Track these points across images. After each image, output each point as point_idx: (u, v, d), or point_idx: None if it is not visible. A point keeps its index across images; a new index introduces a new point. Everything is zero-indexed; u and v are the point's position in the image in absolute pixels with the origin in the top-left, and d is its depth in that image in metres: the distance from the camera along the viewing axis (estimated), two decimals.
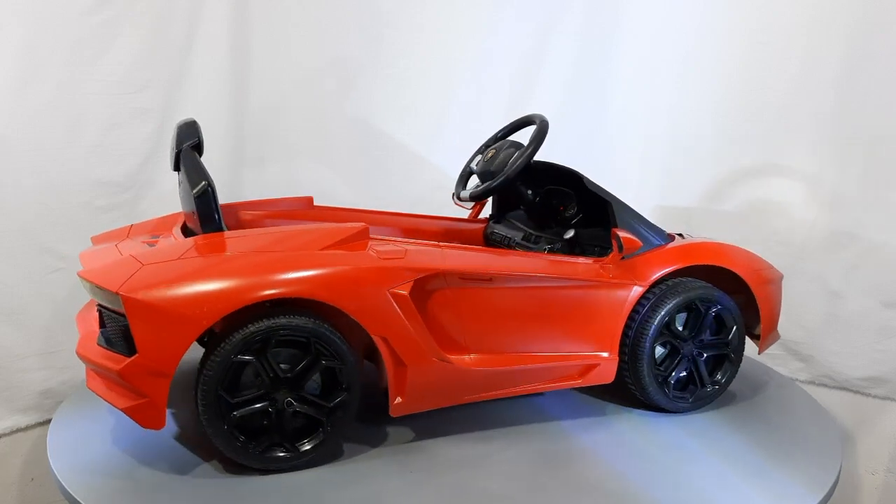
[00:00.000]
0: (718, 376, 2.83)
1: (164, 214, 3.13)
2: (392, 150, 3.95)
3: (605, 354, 2.68)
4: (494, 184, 2.82)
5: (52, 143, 3.27)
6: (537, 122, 2.86)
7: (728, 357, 2.82)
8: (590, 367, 2.68)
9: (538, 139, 2.78)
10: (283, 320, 2.19)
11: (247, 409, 2.21)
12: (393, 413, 2.40)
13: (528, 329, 2.62)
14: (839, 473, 2.40)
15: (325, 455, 2.35)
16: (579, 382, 2.68)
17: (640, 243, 2.65)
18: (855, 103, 3.36)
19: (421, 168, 3.94)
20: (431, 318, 2.42)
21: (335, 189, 3.66)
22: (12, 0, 3.09)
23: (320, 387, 2.31)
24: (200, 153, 2.59)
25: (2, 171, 3.17)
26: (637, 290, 2.67)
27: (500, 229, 3.20)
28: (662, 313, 2.66)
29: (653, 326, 2.66)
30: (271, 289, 2.15)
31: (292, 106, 3.92)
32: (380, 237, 2.46)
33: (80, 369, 3.41)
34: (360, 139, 3.94)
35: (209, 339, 2.36)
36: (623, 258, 2.66)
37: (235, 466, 2.32)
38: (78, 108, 3.32)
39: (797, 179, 3.52)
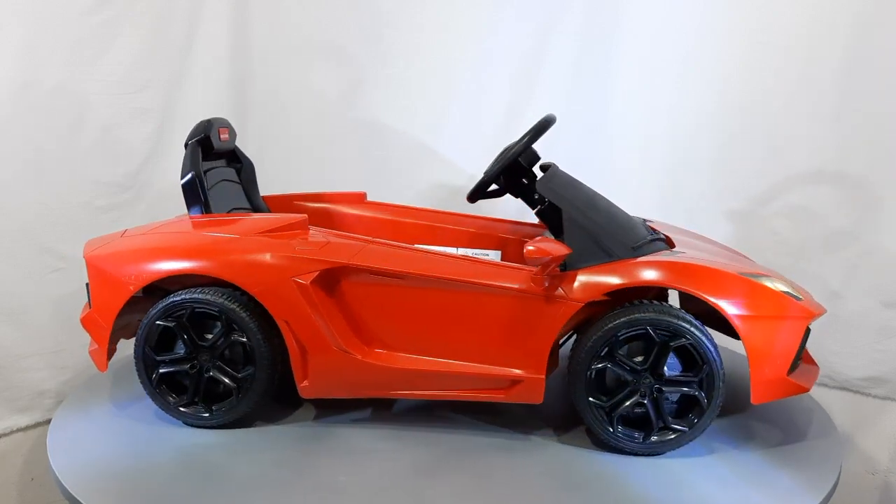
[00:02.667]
0: (686, 421, 2.44)
1: (164, 214, 3.15)
2: (392, 149, 3.95)
3: (528, 372, 2.47)
4: (487, 175, 2.81)
5: (52, 143, 3.27)
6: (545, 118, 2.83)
7: (697, 400, 2.42)
8: (514, 383, 2.49)
9: (533, 130, 2.74)
10: (198, 295, 2.48)
11: (169, 367, 2.56)
12: (302, 394, 2.56)
13: (446, 333, 2.52)
14: (839, 473, 2.40)
15: (235, 422, 2.58)
16: (502, 398, 2.51)
17: (560, 255, 2.34)
18: (855, 103, 3.36)
19: (421, 167, 3.94)
20: (347, 310, 2.53)
21: (335, 188, 3.65)
22: (12, 0, 3.09)
23: (243, 359, 2.55)
24: (211, 147, 2.87)
25: (2, 170, 3.17)
26: (571, 306, 2.41)
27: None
28: (598, 335, 2.39)
29: (584, 349, 2.41)
30: (182, 266, 2.49)
31: (292, 106, 3.92)
32: (320, 229, 2.61)
33: (80, 369, 3.43)
34: (360, 139, 3.94)
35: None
36: (561, 270, 2.43)
37: (236, 466, 2.32)
38: (78, 108, 3.32)
39: (797, 179, 3.52)
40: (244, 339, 2.48)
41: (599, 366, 2.42)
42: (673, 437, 2.45)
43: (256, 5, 3.80)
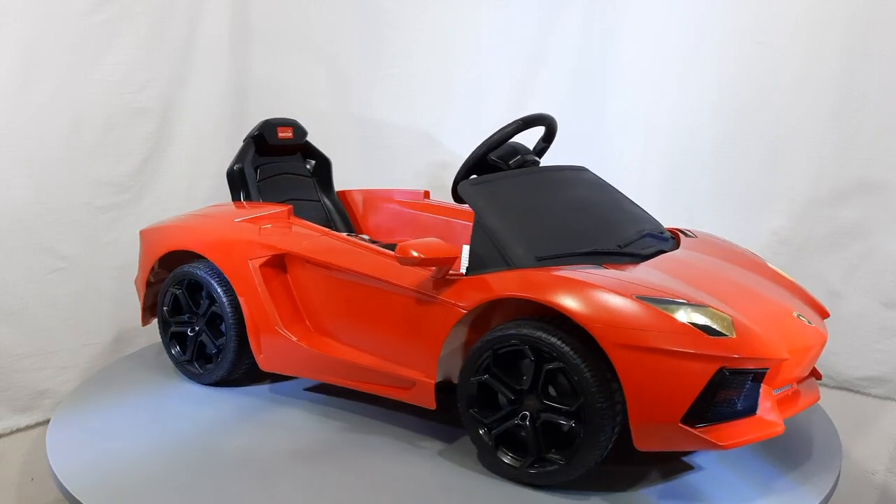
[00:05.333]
0: (565, 453, 2.17)
1: (164, 213, 3.16)
2: (393, 149, 3.95)
3: (420, 375, 2.41)
4: (465, 164, 2.81)
5: (52, 143, 3.28)
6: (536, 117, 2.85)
7: (570, 433, 2.14)
8: (411, 385, 2.45)
9: (515, 122, 2.76)
10: (188, 269, 2.89)
11: (178, 328, 2.97)
12: (261, 367, 2.79)
13: (362, 326, 2.60)
14: (839, 473, 2.39)
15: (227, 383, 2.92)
16: (405, 397, 2.48)
17: (445, 258, 2.29)
18: (855, 103, 3.35)
19: (421, 167, 3.94)
20: (291, 294, 2.77)
21: (335, 188, 3.66)
22: (13, 0, 3.09)
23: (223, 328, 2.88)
24: (265, 144, 3.23)
25: (2, 170, 3.17)
26: (456, 312, 2.30)
27: None
28: (477, 347, 2.25)
29: (463, 358, 2.32)
30: (176, 244, 2.94)
31: (292, 105, 3.92)
32: (300, 221, 2.85)
33: (80, 369, 3.44)
34: (360, 138, 3.94)
35: None
36: (465, 274, 2.36)
37: (236, 466, 2.32)
38: (78, 108, 3.32)
39: (797, 179, 3.52)
40: (218, 311, 2.85)
41: (480, 379, 2.25)
42: (551, 469, 2.19)
43: (256, 5, 3.81)
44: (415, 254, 2.28)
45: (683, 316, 2.07)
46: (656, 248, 2.57)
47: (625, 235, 2.56)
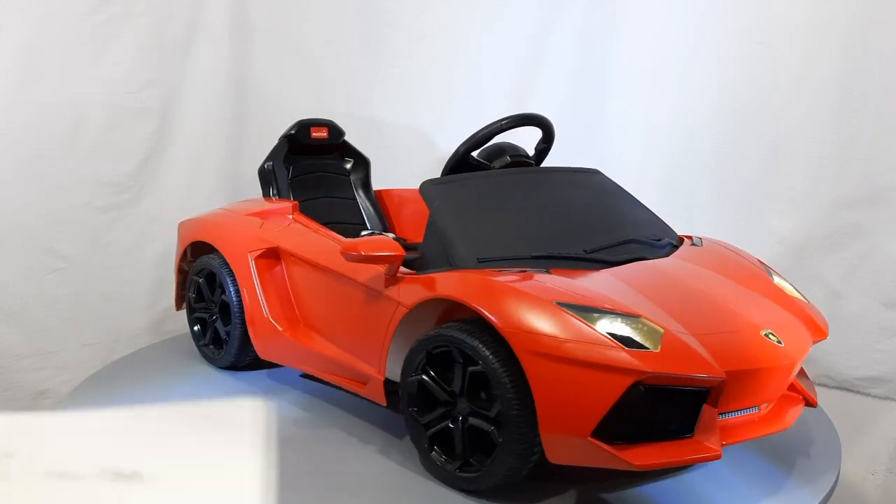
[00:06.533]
0: (483, 459, 2.11)
1: (164, 213, 3.15)
2: (393, 149, 3.95)
3: (372, 371, 2.42)
4: (447, 163, 2.83)
5: (52, 143, 3.28)
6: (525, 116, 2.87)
7: (491, 437, 2.06)
8: (366, 380, 2.46)
9: (497, 121, 2.78)
10: (206, 259, 3.05)
11: (199, 314, 3.14)
12: (259, 355, 2.90)
13: (331, 319, 2.69)
14: (839, 473, 2.40)
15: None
16: (362, 392, 2.50)
17: (387, 256, 2.31)
18: (855, 103, 3.35)
19: (421, 167, 3.94)
20: (282, 287, 2.88)
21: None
22: (13, 0, 3.09)
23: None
24: (298, 144, 3.30)
25: (2, 170, 3.17)
26: (400, 310, 2.29)
27: None
28: (414, 346, 2.24)
29: (406, 358, 2.28)
30: (197, 235, 3.11)
31: (292, 105, 3.92)
32: (302, 217, 2.97)
33: (80, 369, 3.43)
34: (360, 138, 3.94)
35: None
36: (400, 272, 2.37)
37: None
38: (78, 108, 3.32)
39: (797, 179, 3.52)
40: (226, 299, 2.98)
41: (417, 378, 2.23)
42: (473, 474, 2.12)
43: (256, 5, 3.81)
44: (359, 250, 2.32)
45: (605, 326, 1.97)
46: (634, 255, 2.46)
47: (600, 240, 2.47)
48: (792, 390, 2.38)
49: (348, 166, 3.51)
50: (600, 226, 2.60)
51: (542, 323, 1.98)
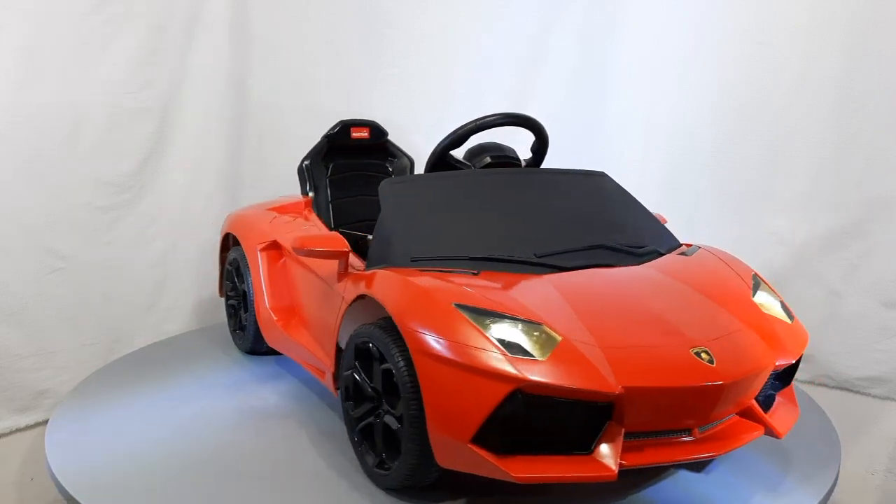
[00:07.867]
0: (390, 460, 2.12)
1: (165, 213, 3.14)
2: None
3: (327, 363, 2.48)
4: (427, 162, 2.84)
5: (52, 143, 3.28)
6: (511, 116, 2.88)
7: (397, 437, 2.06)
8: (325, 371, 2.53)
9: (472, 121, 2.80)
10: (233, 250, 3.28)
11: (231, 300, 3.35)
12: (267, 342, 3.06)
13: (307, 311, 2.82)
14: (838, 473, 2.39)
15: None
16: (323, 382, 2.60)
17: (330, 251, 2.41)
18: (855, 103, 3.35)
19: (422, 167, 3.93)
20: (282, 278, 3.02)
21: None
22: (13, 0, 3.09)
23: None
24: (337, 144, 3.36)
25: (2, 171, 3.17)
26: (343, 305, 2.34)
27: None
28: (347, 340, 2.28)
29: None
30: (227, 228, 3.34)
31: (292, 106, 3.93)
32: (311, 213, 3.11)
33: (80, 369, 3.43)
34: None
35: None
36: (350, 267, 2.45)
37: (236, 466, 2.32)
38: (78, 108, 3.32)
39: (797, 179, 3.52)
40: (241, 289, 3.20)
41: (347, 373, 2.26)
42: (385, 473, 2.13)
43: (256, 5, 3.81)
44: (304, 246, 2.44)
45: (498, 331, 1.92)
46: (592, 262, 2.36)
47: (560, 245, 2.39)
48: (754, 417, 2.18)
49: (391, 167, 3.53)
50: (569, 230, 2.50)
51: (434, 323, 1.96)
